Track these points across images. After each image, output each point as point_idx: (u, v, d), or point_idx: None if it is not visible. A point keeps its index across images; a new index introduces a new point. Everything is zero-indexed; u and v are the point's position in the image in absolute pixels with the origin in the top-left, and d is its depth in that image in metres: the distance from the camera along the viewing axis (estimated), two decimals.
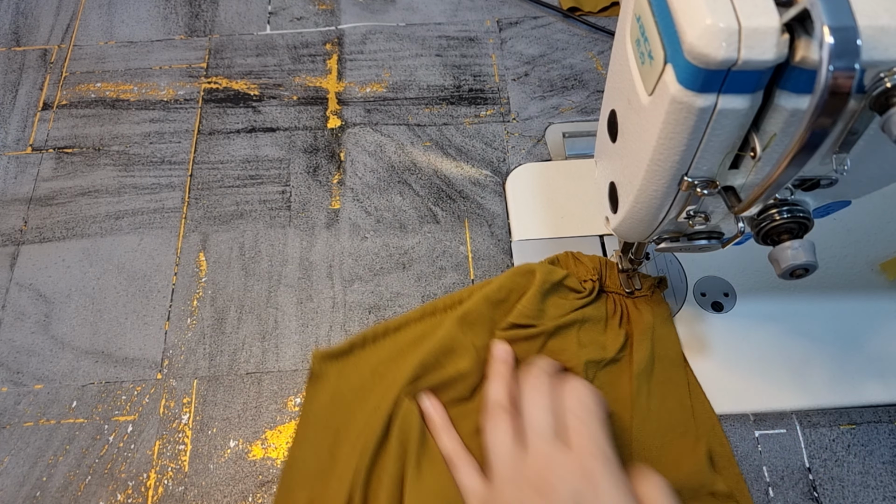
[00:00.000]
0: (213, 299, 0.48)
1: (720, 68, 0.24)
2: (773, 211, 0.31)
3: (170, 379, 0.46)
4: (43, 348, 0.47)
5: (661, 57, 0.26)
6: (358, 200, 0.53)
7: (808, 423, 0.43)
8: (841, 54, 0.22)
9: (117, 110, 0.58)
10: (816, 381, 0.44)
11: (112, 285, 0.49)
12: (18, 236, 0.51)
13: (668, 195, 0.31)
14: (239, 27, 0.62)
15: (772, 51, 0.23)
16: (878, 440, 0.43)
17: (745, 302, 0.47)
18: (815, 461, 0.42)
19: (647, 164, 0.30)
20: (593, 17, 0.62)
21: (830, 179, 0.30)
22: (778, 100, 0.26)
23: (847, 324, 0.46)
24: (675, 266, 0.48)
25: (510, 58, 0.60)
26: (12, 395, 0.45)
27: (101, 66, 0.60)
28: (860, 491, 0.41)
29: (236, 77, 0.59)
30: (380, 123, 0.56)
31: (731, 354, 0.45)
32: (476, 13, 0.63)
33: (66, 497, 0.42)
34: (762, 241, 0.32)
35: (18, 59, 0.61)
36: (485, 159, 0.54)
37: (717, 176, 0.30)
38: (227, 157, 0.55)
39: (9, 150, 0.56)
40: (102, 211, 0.52)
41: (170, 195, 0.53)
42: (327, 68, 0.59)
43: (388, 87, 0.58)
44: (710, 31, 0.23)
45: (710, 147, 0.28)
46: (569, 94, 0.57)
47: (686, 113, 0.26)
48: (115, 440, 0.44)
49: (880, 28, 0.22)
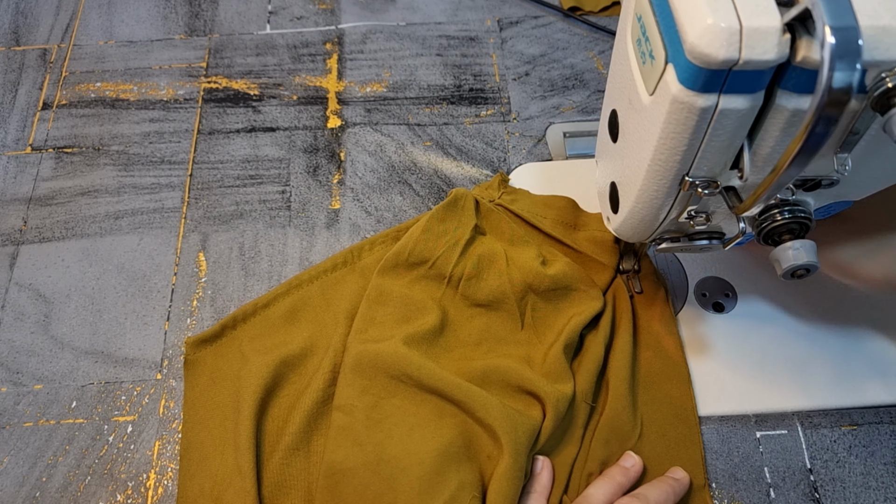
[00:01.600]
0: (212, 299, 0.48)
1: (721, 68, 0.24)
2: (774, 211, 0.31)
3: (169, 379, 0.45)
4: (42, 348, 0.47)
5: (663, 57, 0.26)
6: (358, 200, 0.52)
7: (810, 424, 0.43)
8: (842, 54, 0.21)
9: (117, 110, 0.57)
10: (818, 382, 0.44)
11: (112, 285, 0.49)
12: (18, 236, 0.51)
13: (670, 195, 0.31)
14: (239, 27, 0.62)
15: (773, 51, 0.23)
16: (880, 441, 0.42)
17: (746, 302, 0.47)
18: (816, 462, 0.42)
19: (648, 163, 0.30)
20: (594, 16, 0.62)
21: (831, 180, 0.30)
22: (779, 100, 0.26)
23: (849, 324, 0.46)
24: (676, 266, 0.48)
25: (511, 57, 0.60)
26: (12, 396, 0.45)
27: (100, 65, 0.60)
28: (861, 492, 0.41)
29: (236, 77, 0.59)
30: (380, 123, 0.56)
31: (733, 355, 0.45)
32: (476, 13, 0.63)
33: (66, 497, 0.42)
34: (763, 242, 0.32)
35: (18, 58, 0.61)
36: (485, 159, 0.54)
37: (718, 176, 0.30)
38: (226, 157, 0.55)
39: (8, 149, 0.56)
40: (102, 211, 0.52)
41: (169, 195, 0.53)
42: (327, 68, 0.59)
43: (389, 87, 0.58)
44: (711, 30, 0.23)
45: (712, 147, 0.28)
46: (569, 94, 0.57)
47: (687, 113, 0.26)
48: (115, 440, 0.44)
49: (882, 28, 0.22)
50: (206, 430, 0.42)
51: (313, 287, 0.47)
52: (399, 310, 0.44)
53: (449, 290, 0.46)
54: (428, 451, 0.38)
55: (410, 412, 0.40)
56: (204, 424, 0.43)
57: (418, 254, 0.46)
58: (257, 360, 0.43)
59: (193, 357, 0.45)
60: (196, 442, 0.42)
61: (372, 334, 0.43)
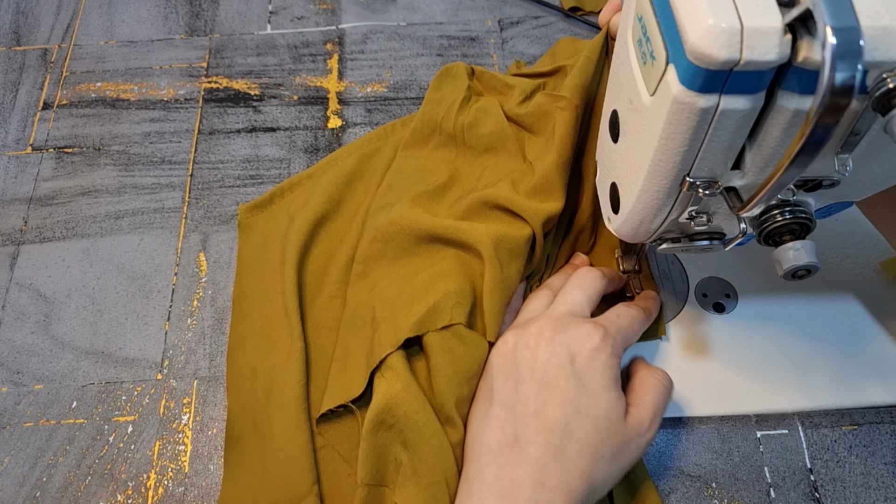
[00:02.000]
0: (213, 299, 0.48)
1: (722, 69, 0.24)
2: (775, 212, 0.31)
3: (170, 379, 0.46)
4: (43, 348, 0.47)
5: (663, 57, 0.26)
6: None
7: (810, 424, 0.43)
8: (843, 55, 0.21)
9: (117, 110, 0.57)
10: (818, 382, 0.44)
11: (112, 285, 0.49)
12: (18, 236, 0.51)
13: (670, 196, 0.31)
14: (239, 27, 0.62)
15: (774, 51, 0.23)
16: (880, 441, 0.42)
17: (746, 303, 0.47)
18: (816, 462, 0.42)
19: (649, 164, 0.30)
20: (595, 16, 0.62)
21: (832, 180, 0.30)
22: (780, 100, 0.26)
23: (849, 325, 0.46)
24: (677, 267, 0.48)
25: (511, 57, 0.60)
26: (12, 396, 0.45)
27: (101, 65, 0.60)
28: (862, 492, 0.41)
29: (237, 77, 0.59)
30: (381, 123, 0.56)
31: (733, 355, 0.45)
32: (477, 13, 0.63)
33: (66, 497, 0.42)
34: (764, 243, 0.32)
35: (19, 58, 0.61)
36: None
37: (719, 176, 0.30)
38: (227, 157, 0.55)
39: (9, 149, 0.56)
40: (102, 211, 0.52)
41: (170, 195, 0.53)
42: (328, 68, 0.59)
43: (389, 87, 0.58)
44: (712, 31, 0.23)
45: (712, 147, 0.28)
46: None
47: (688, 113, 0.26)
48: (115, 440, 0.44)
49: (883, 28, 0.22)
50: (258, 281, 0.47)
51: (351, 160, 0.51)
52: (414, 175, 0.48)
53: (461, 149, 0.49)
54: (422, 278, 0.42)
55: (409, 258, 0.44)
56: (255, 276, 0.48)
57: (427, 124, 0.50)
58: (301, 219, 0.48)
59: (246, 221, 0.51)
60: (248, 290, 0.47)
61: (390, 198, 0.47)
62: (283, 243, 0.47)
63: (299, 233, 0.47)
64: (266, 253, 0.48)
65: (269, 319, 0.45)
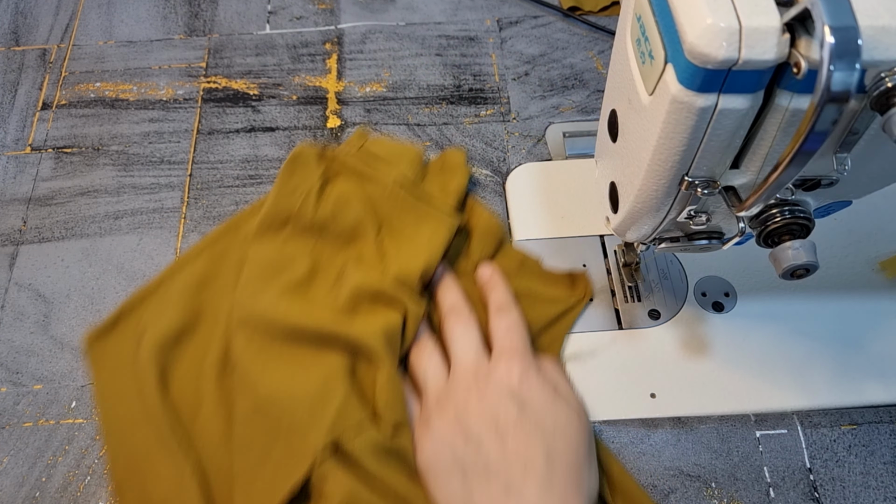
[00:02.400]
0: None
1: (721, 68, 0.24)
2: (774, 211, 0.31)
3: None
4: (42, 348, 0.47)
5: (662, 56, 0.26)
6: None
7: (810, 424, 0.43)
8: (842, 54, 0.21)
9: (116, 110, 0.57)
10: (817, 382, 0.44)
11: (111, 285, 0.49)
12: (17, 236, 0.51)
13: (669, 195, 0.31)
14: (238, 27, 0.62)
15: (772, 50, 0.23)
16: (880, 440, 0.42)
17: (745, 302, 0.47)
18: (815, 461, 0.42)
19: (648, 163, 0.30)
20: (594, 16, 0.62)
21: (831, 179, 0.30)
22: (778, 100, 0.26)
23: (848, 324, 0.46)
24: (676, 266, 0.48)
25: (510, 57, 0.60)
26: (11, 396, 0.45)
27: (100, 65, 0.60)
28: (861, 491, 0.41)
29: (236, 77, 0.59)
30: (380, 123, 0.56)
31: (732, 355, 0.45)
32: (476, 12, 0.63)
33: (66, 497, 0.42)
34: (763, 244, 0.32)
35: (18, 58, 0.61)
36: (485, 159, 0.54)
37: (717, 176, 0.30)
38: (226, 157, 0.55)
39: (8, 149, 0.56)
40: (101, 211, 0.52)
41: (169, 195, 0.53)
42: (327, 68, 0.59)
43: (388, 87, 0.58)
44: (710, 30, 0.23)
45: (711, 147, 0.28)
46: (569, 94, 0.57)
47: (686, 113, 0.26)
48: None
49: (881, 28, 0.22)
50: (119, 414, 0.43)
51: (199, 262, 0.48)
52: (270, 267, 0.46)
53: (320, 240, 0.48)
54: (312, 381, 0.41)
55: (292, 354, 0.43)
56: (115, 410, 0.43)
57: (279, 214, 0.48)
58: (151, 337, 0.44)
59: (93, 350, 0.45)
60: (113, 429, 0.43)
61: (252, 293, 0.45)
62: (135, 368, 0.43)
63: (151, 352, 0.43)
64: (119, 383, 0.44)
65: (142, 453, 0.41)
